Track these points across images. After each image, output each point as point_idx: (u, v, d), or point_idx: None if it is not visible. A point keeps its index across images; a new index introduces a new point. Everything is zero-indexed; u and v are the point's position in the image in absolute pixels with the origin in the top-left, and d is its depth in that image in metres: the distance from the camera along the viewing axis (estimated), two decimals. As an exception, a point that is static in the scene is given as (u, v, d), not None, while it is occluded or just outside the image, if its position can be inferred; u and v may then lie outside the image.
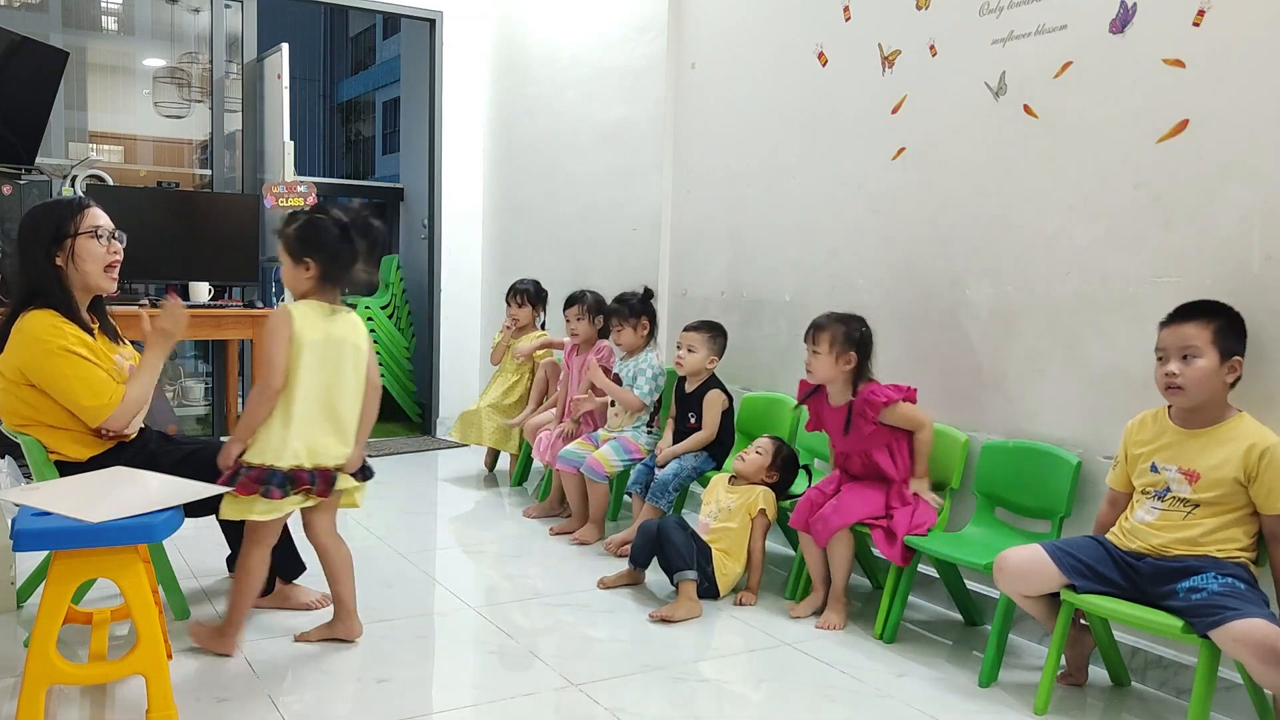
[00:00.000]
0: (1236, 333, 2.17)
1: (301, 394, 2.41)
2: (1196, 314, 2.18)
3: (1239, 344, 2.17)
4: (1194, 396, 2.17)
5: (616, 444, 3.72)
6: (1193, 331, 2.16)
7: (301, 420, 2.41)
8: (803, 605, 2.94)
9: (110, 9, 6.33)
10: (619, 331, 3.87)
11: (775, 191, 3.73)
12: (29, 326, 2.47)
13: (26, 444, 2.53)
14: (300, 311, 2.43)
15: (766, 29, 3.77)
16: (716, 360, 3.59)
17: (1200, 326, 2.16)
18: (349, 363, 2.48)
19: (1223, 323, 2.16)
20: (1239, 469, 2.11)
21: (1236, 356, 2.15)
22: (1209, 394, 2.16)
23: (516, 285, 4.65)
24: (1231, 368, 2.15)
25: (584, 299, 4.16)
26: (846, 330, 2.89)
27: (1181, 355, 2.16)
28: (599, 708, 2.28)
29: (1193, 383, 2.15)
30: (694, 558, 2.91)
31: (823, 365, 2.91)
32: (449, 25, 5.75)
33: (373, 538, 3.65)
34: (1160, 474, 2.23)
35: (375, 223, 2.55)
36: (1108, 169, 2.60)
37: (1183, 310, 2.21)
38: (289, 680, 2.40)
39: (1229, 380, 2.17)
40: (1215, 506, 2.15)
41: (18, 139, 4.52)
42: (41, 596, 2.03)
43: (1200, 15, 2.39)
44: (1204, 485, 2.15)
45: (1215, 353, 2.14)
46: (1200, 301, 2.22)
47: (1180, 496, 2.19)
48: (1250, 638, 1.94)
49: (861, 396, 2.86)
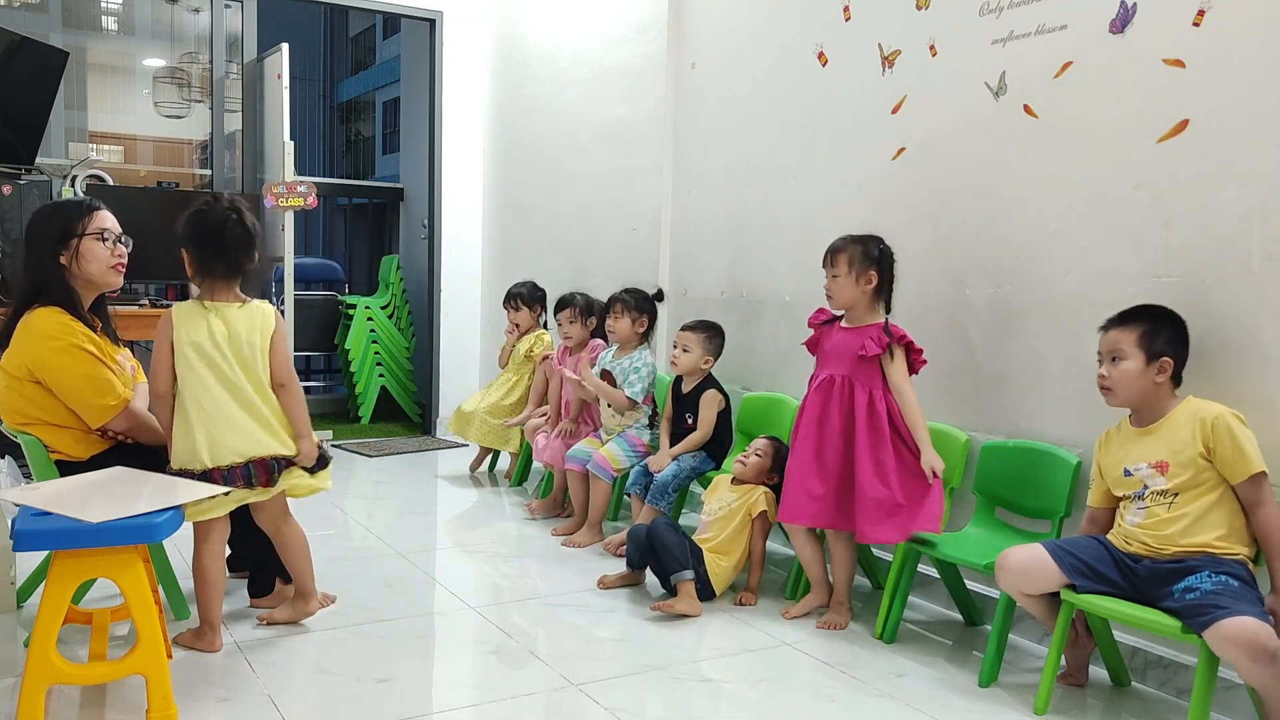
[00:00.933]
0: (1168, 335, 2.25)
1: (191, 395, 2.41)
2: (1125, 319, 2.30)
3: (1171, 346, 2.24)
4: (1122, 396, 2.28)
5: (622, 441, 3.73)
6: (1118, 336, 2.28)
7: (199, 422, 2.40)
8: (798, 606, 2.91)
9: (110, 9, 6.34)
10: (616, 319, 3.84)
11: (775, 191, 3.73)
12: (36, 324, 2.48)
13: (27, 443, 2.53)
14: (179, 313, 2.45)
15: (766, 29, 3.77)
16: (712, 360, 3.58)
17: (1126, 331, 2.27)
18: (245, 357, 2.45)
19: (1149, 326, 2.26)
20: (1198, 444, 2.17)
21: (1165, 358, 2.23)
22: (1139, 393, 2.26)
23: (511, 290, 4.66)
24: (1161, 368, 2.23)
25: (574, 301, 4.18)
26: (864, 249, 2.77)
27: (1111, 358, 2.29)
28: (598, 708, 2.28)
29: (1118, 383, 2.27)
30: (688, 558, 2.90)
31: (842, 288, 2.78)
32: (449, 25, 5.75)
33: (373, 538, 3.65)
34: (1134, 475, 2.27)
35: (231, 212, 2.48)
36: (1108, 169, 2.60)
37: (1115, 316, 2.32)
38: (289, 680, 2.40)
39: (1158, 380, 2.24)
40: (1192, 491, 2.19)
41: (18, 139, 4.52)
42: (41, 596, 2.03)
43: (1200, 15, 2.39)
44: (1174, 470, 2.20)
45: (1141, 354, 2.24)
46: (1135, 307, 2.32)
47: (1157, 490, 2.23)
48: (1239, 636, 1.94)
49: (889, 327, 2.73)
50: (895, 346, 2.73)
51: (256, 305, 2.53)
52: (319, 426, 5.69)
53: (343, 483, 4.56)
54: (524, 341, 4.61)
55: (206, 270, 2.48)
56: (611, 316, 3.87)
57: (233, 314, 2.47)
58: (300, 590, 2.70)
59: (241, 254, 2.49)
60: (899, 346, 2.73)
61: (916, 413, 2.73)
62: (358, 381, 6.21)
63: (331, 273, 7.90)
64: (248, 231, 2.49)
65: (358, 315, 6.26)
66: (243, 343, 2.46)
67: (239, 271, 2.50)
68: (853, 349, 2.76)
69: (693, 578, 2.88)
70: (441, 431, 5.85)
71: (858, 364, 2.75)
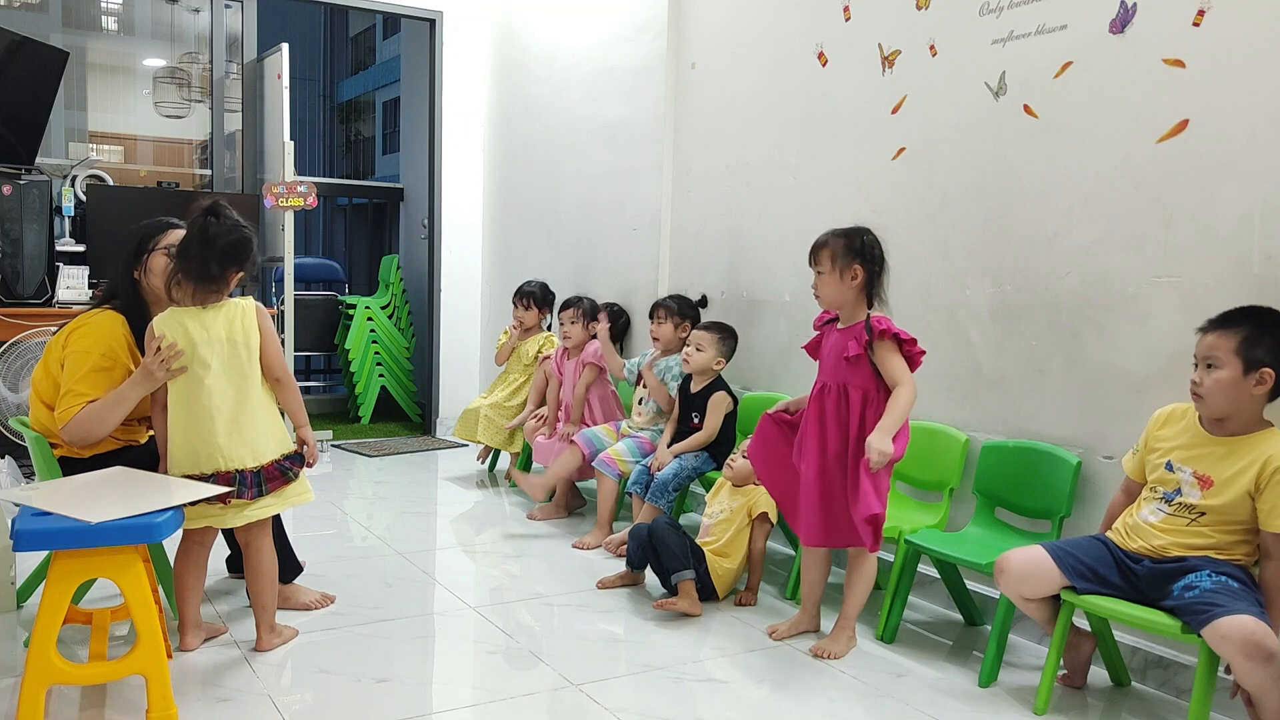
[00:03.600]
0: (1271, 343, 2.08)
1: (175, 402, 2.41)
2: (1225, 323, 2.14)
3: (1273, 355, 2.08)
4: (1213, 406, 2.13)
5: (632, 443, 3.74)
6: (1215, 341, 2.13)
7: (181, 429, 2.40)
8: (785, 626, 2.76)
9: (110, 9, 6.33)
10: (659, 325, 3.88)
11: (775, 191, 3.73)
12: (93, 319, 2.61)
13: (32, 440, 2.54)
14: (162, 321, 2.43)
15: (766, 29, 3.77)
16: (724, 362, 3.59)
17: (1224, 336, 2.11)
18: (223, 357, 2.41)
19: (1250, 332, 2.09)
20: (1252, 481, 2.08)
21: (1265, 368, 2.07)
22: (1231, 404, 2.11)
23: (523, 288, 4.65)
24: (1260, 379, 2.08)
25: (580, 303, 4.22)
26: (847, 242, 2.56)
27: (1206, 364, 2.14)
28: (599, 708, 2.28)
29: (1209, 392, 2.12)
30: (689, 558, 2.90)
31: (827, 286, 2.60)
32: (449, 25, 5.75)
33: (373, 538, 3.65)
34: (1174, 474, 2.20)
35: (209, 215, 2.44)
36: (1108, 169, 2.60)
37: (1216, 318, 2.16)
38: (289, 680, 2.40)
39: (1256, 392, 2.09)
40: (1221, 517, 2.12)
41: (18, 139, 4.52)
42: (41, 596, 2.03)
43: (1200, 15, 2.39)
44: (1215, 492, 2.13)
45: (1238, 363, 2.08)
46: (1238, 309, 2.16)
47: (1188, 503, 2.17)
48: (1236, 634, 1.93)
49: (870, 320, 2.53)
50: (877, 341, 2.51)
51: (233, 303, 2.48)
52: (319, 426, 5.69)
53: (343, 483, 4.57)
54: (532, 342, 4.60)
55: (177, 272, 2.43)
56: (655, 322, 3.91)
57: (209, 315, 2.43)
58: (259, 621, 2.56)
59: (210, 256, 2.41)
60: (882, 340, 2.51)
61: (899, 402, 2.47)
62: (358, 381, 6.21)
63: (331, 273, 7.90)
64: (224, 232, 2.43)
65: (358, 315, 6.26)
66: (217, 344, 2.41)
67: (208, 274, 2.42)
68: (840, 351, 2.60)
69: (693, 577, 2.88)
70: (442, 431, 5.85)
71: (846, 367, 2.58)
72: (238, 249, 2.46)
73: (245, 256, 2.49)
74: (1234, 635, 1.94)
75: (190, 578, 2.54)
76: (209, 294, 2.45)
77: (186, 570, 2.53)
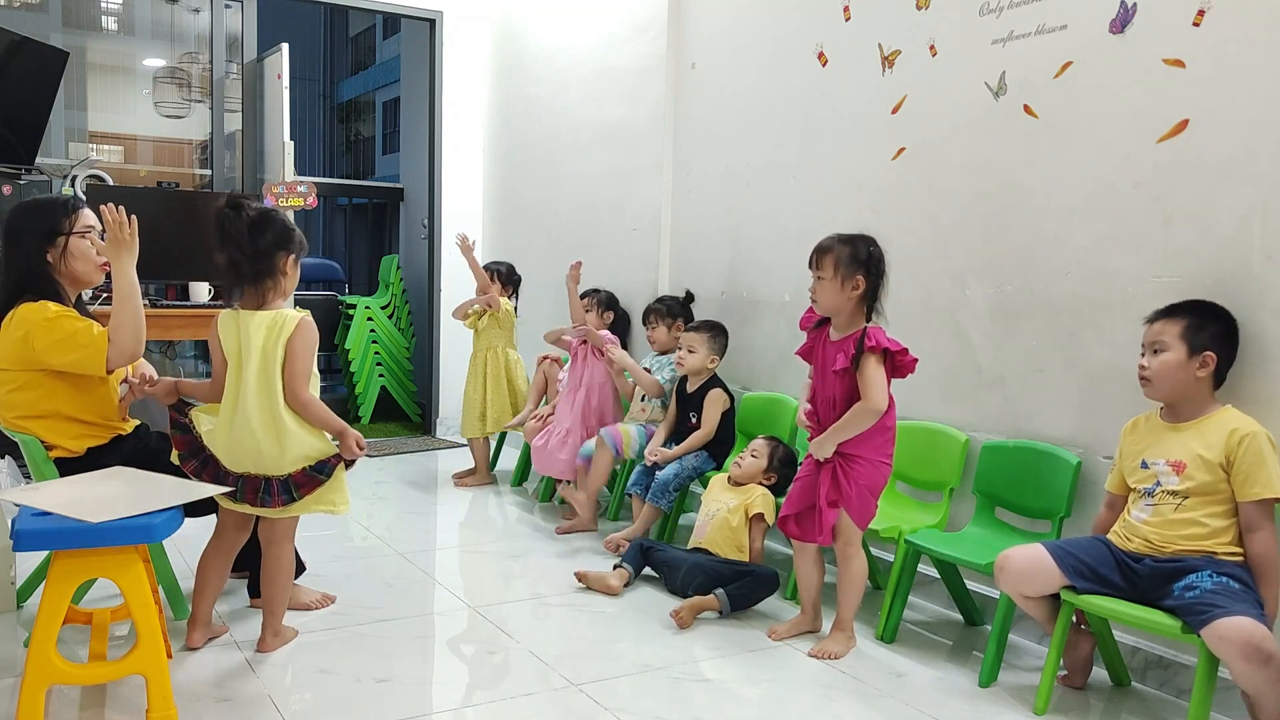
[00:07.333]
0: (1214, 331, 2.22)
1: (227, 396, 2.42)
2: (1172, 312, 2.27)
3: (1215, 342, 2.21)
4: (1161, 388, 2.25)
5: (640, 429, 3.80)
6: (1162, 327, 2.26)
7: (226, 423, 2.41)
8: (784, 627, 2.76)
9: (110, 9, 6.34)
10: (654, 329, 3.95)
11: (775, 191, 3.73)
12: (24, 313, 2.49)
13: (25, 442, 2.53)
14: (220, 320, 2.45)
15: (766, 29, 3.77)
16: (717, 360, 3.60)
17: (1170, 322, 2.25)
18: (256, 365, 2.39)
19: (1194, 319, 2.22)
20: (1221, 454, 2.16)
21: (1208, 352, 2.19)
22: (1178, 386, 2.23)
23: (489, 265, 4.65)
24: (1203, 362, 2.20)
25: (598, 293, 4.30)
26: (852, 250, 2.52)
27: (1153, 349, 2.26)
28: (599, 708, 2.28)
29: (1157, 375, 2.24)
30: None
31: (826, 292, 2.55)
32: (449, 25, 5.75)
33: (373, 538, 3.65)
34: (1150, 469, 2.26)
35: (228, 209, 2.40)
36: (1108, 169, 2.60)
37: (1163, 309, 2.29)
38: (289, 680, 2.40)
39: (1199, 375, 2.21)
40: (1202, 496, 2.17)
41: (18, 139, 4.52)
42: (41, 596, 2.03)
43: (1200, 15, 2.39)
44: (1190, 473, 2.19)
45: (1183, 346, 2.21)
46: (1184, 301, 2.29)
47: (1169, 489, 2.22)
48: (1235, 635, 1.94)
49: (866, 334, 2.50)
50: (864, 355, 2.48)
51: (283, 313, 2.42)
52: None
53: (343, 483, 4.55)
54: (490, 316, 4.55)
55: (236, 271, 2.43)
56: (649, 328, 3.96)
57: (250, 320, 2.41)
58: (265, 622, 2.56)
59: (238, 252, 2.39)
60: (869, 355, 2.49)
61: (854, 414, 2.50)
62: (358, 381, 6.21)
63: (331, 273, 7.90)
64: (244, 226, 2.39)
65: (358, 315, 6.26)
66: (253, 350, 2.38)
67: (239, 271, 2.42)
68: (830, 364, 2.57)
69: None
70: (442, 431, 5.85)
71: (835, 379, 2.56)
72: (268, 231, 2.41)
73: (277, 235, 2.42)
74: (1233, 637, 1.94)
75: (213, 572, 2.54)
76: (264, 292, 2.44)
77: (212, 563, 2.54)
